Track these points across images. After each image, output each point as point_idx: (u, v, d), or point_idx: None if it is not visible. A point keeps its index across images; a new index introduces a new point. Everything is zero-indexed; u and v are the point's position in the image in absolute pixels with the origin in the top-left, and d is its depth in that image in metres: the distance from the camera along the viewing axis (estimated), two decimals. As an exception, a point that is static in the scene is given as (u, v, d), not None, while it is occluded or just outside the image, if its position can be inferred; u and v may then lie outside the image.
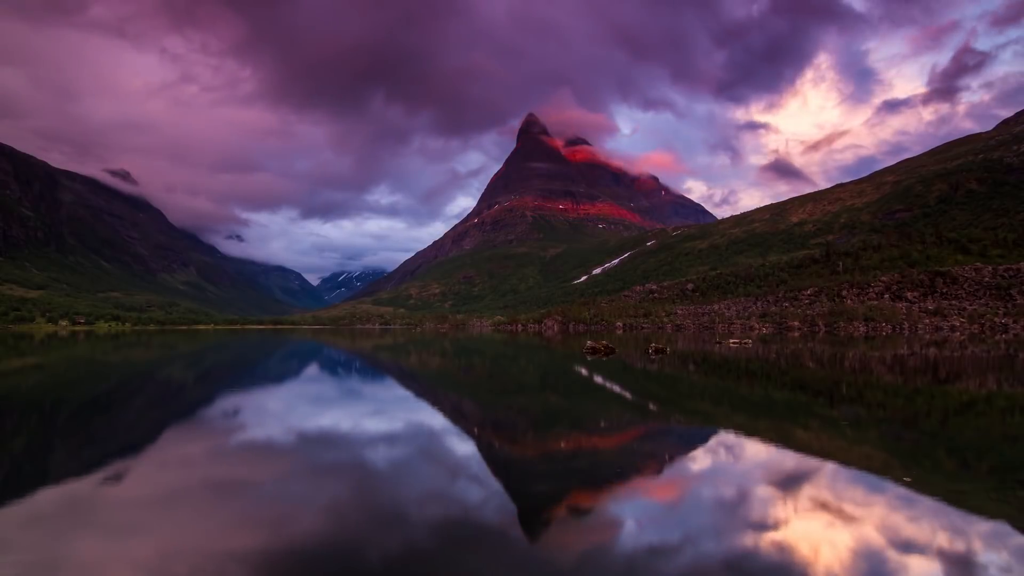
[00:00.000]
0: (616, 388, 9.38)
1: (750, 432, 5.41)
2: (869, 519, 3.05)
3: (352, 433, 5.45)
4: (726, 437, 5.26)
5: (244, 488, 3.60)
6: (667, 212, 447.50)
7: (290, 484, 3.66)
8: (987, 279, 55.71)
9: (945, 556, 2.61)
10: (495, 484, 3.72)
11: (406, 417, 6.52)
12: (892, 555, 2.61)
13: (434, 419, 6.45)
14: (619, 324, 72.47)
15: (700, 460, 4.45)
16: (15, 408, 6.96)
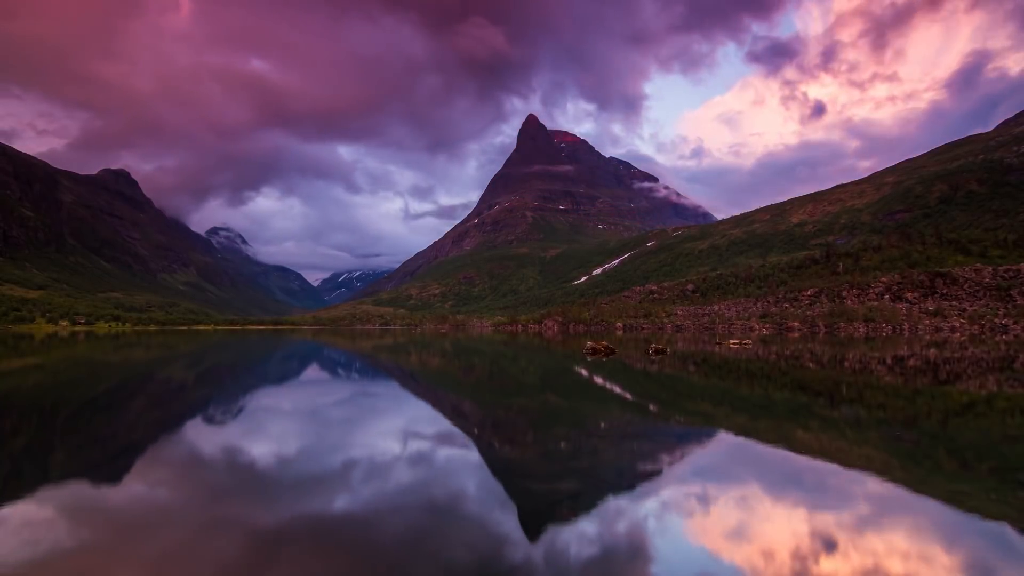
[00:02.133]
0: (616, 389, 9.38)
1: (750, 433, 5.41)
2: (869, 520, 3.05)
3: (351, 433, 5.45)
4: (726, 438, 5.26)
5: (243, 488, 3.60)
6: (667, 213, 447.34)
7: (289, 484, 3.66)
8: (987, 280, 55.73)
9: (945, 556, 2.61)
10: (495, 484, 3.72)
11: (406, 417, 6.51)
12: (892, 555, 2.61)
13: (434, 419, 6.45)
14: (619, 325, 72.46)
15: (700, 461, 4.45)
16: (15, 408, 6.96)
